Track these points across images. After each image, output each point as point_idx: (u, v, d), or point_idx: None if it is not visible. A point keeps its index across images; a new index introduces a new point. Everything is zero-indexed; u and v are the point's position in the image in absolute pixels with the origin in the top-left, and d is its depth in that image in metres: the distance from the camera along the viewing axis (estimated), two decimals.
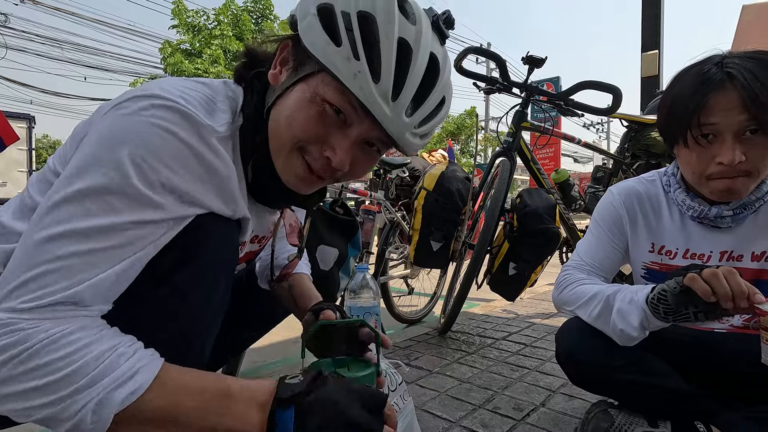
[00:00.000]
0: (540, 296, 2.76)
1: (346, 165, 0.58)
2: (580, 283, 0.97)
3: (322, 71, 0.54)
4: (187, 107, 0.52)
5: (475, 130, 19.93)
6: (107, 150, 0.48)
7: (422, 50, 0.55)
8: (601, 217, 1.05)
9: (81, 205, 0.46)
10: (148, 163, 0.48)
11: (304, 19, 0.54)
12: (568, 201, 2.08)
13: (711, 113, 0.78)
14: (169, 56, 11.81)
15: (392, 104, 0.54)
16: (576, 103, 1.88)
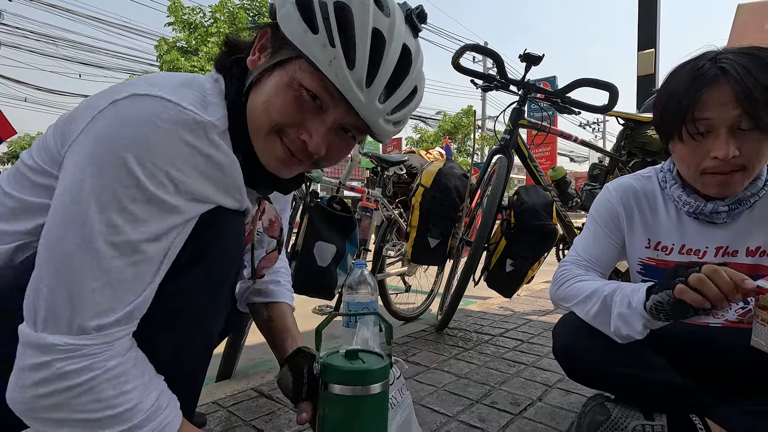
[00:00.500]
0: (537, 293, 2.77)
1: (322, 149, 0.60)
2: (578, 279, 0.97)
3: (300, 58, 0.56)
4: (187, 106, 0.53)
5: (472, 129, 19.96)
6: (115, 157, 0.48)
7: (395, 41, 0.57)
8: (597, 213, 1.06)
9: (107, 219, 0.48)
10: (159, 168, 0.49)
11: (283, 8, 0.56)
12: (564, 198, 2.09)
13: (705, 108, 0.79)
14: (164, 54, 11.74)
15: (366, 90, 0.56)
16: (573, 101, 1.88)
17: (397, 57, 0.57)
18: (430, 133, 21.24)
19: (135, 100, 0.51)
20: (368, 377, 0.59)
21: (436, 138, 20.24)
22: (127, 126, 0.49)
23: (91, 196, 0.48)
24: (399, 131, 0.66)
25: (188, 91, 0.56)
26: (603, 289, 0.88)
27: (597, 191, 2.15)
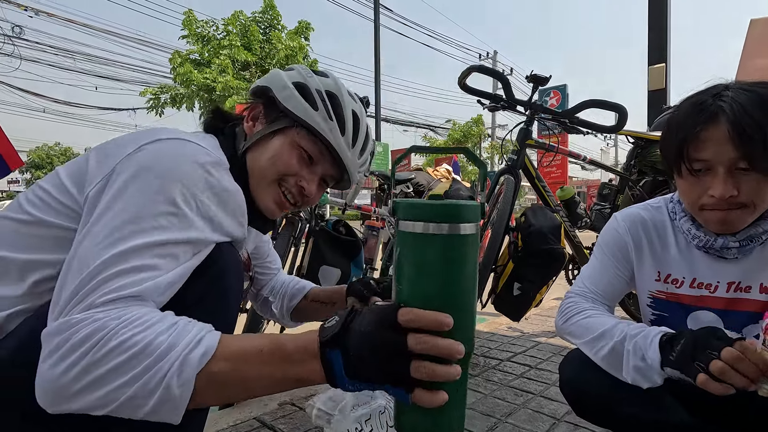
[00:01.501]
0: (546, 312, 2.72)
1: (314, 193, 0.79)
2: (585, 315, 0.95)
3: (299, 126, 0.74)
4: (209, 148, 0.65)
5: (480, 138, 19.93)
6: (155, 179, 0.57)
7: (363, 119, 0.82)
8: (605, 243, 1.04)
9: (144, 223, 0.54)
10: (191, 193, 0.59)
11: (284, 91, 0.75)
12: (573, 218, 2.06)
13: (702, 148, 0.78)
14: (178, 66, 11.98)
15: (351, 150, 0.79)
16: (581, 121, 1.86)
17: (365, 129, 0.82)
18: (439, 141, 21.26)
19: (168, 143, 0.61)
20: (452, 213, 0.47)
21: None
22: (165, 158, 0.59)
23: (127, 206, 0.54)
24: (360, 179, 0.91)
25: (203, 139, 0.69)
26: (612, 332, 0.85)
27: (607, 211, 2.12)
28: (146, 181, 0.56)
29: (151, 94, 12.47)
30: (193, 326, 0.51)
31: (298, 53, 12.73)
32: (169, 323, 0.49)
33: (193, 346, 0.48)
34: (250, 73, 12.43)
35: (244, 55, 12.13)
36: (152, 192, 0.56)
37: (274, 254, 1.08)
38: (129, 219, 0.53)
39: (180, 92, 12.21)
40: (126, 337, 0.46)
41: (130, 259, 0.51)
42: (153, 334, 0.47)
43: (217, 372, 0.47)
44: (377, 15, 13.20)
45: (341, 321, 0.48)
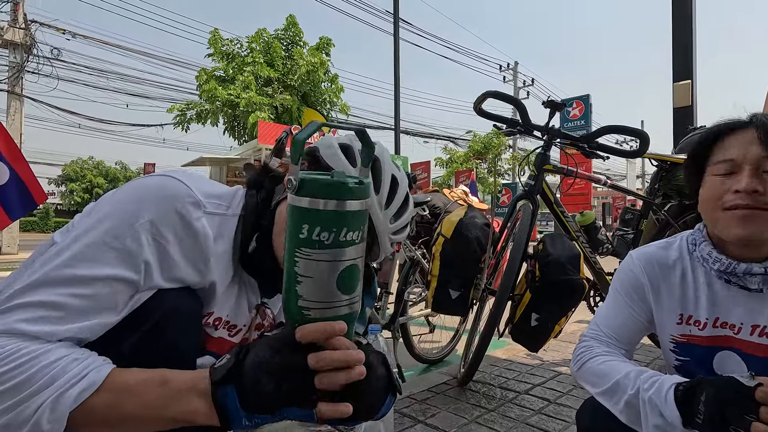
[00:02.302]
0: (567, 338, 2.64)
1: None
2: (597, 361, 0.91)
3: None
4: (188, 183, 0.64)
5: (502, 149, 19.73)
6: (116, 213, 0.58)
7: (403, 186, 0.79)
8: (620, 283, 1.00)
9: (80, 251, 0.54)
10: (145, 230, 0.58)
11: (329, 149, 0.75)
12: (594, 244, 2.00)
13: (729, 147, 0.79)
14: (204, 83, 12.37)
15: (384, 211, 0.75)
16: (600, 146, 1.82)
17: (404, 196, 0.78)
18: (459, 153, 21.15)
19: (155, 178, 0.64)
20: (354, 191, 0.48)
21: (466, 158, 20.10)
22: (135, 190, 0.61)
23: (78, 232, 0.56)
24: (392, 251, 0.85)
25: (199, 181, 0.68)
26: (624, 383, 0.81)
27: (629, 237, 2.05)
28: (104, 208, 0.58)
29: (178, 110, 12.89)
30: (82, 361, 0.50)
31: (319, 68, 12.96)
32: (56, 356, 0.49)
33: (74, 382, 0.48)
34: (273, 89, 12.71)
35: (267, 72, 12.43)
36: (103, 219, 0.57)
37: None
38: (68, 245, 0.55)
39: (205, 108, 12.58)
40: (6, 369, 0.47)
41: (42, 291, 0.51)
42: (34, 367, 0.47)
43: (96, 408, 0.47)
44: (396, 29, 13.33)
45: (233, 356, 0.49)
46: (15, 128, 9.74)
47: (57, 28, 11.10)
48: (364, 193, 0.49)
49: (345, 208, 0.47)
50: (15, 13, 9.74)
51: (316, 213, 0.46)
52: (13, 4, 9.76)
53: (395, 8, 13.36)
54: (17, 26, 9.71)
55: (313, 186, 0.46)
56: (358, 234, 0.49)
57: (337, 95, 13.85)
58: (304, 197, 0.47)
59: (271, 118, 12.23)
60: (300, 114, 12.91)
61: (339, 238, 0.47)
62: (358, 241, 0.50)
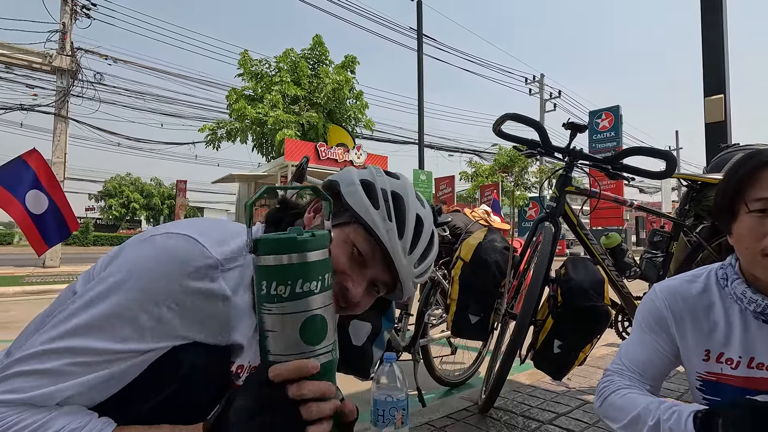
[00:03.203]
0: (595, 363, 2.54)
1: (359, 297, 0.70)
2: (618, 395, 0.89)
3: (356, 223, 0.70)
4: (203, 242, 0.63)
5: (528, 162, 19.41)
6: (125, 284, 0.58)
7: (428, 224, 0.75)
8: (643, 318, 0.97)
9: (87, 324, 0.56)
10: (152, 301, 0.58)
11: (349, 187, 0.72)
12: (621, 268, 1.93)
13: (763, 186, 0.76)
14: (234, 102, 12.83)
15: (408, 257, 0.71)
16: (625, 167, 1.77)
17: (429, 236, 0.75)
18: (485, 167, 20.96)
19: (170, 239, 0.63)
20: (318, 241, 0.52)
21: (492, 172, 19.88)
22: (148, 259, 0.61)
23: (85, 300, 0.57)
24: (413, 293, 0.78)
25: (216, 232, 0.66)
26: (645, 416, 0.80)
27: (658, 260, 1.97)
28: (119, 273, 0.59)
29: (209, 129, 13.39)
30: (81, 429, 0.51)
31: (344, 86, 13.22)
32: (55, 428, 0.50)
33: None
34: (299, 107, 13.04)
35: (294, 90, 12.78)
36: (116, 288, 0.57)
37: None
38: (77, 312, 0.56)
39: (235, 126, 13.02)
40: None
41: (46, 359, 0.53)
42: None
43: None
44: (420, 45, 13.50)
45: (223, 402, 0.52)
46: (60, 148, 10.35)
47: (100, 54, 11.81)
48: (318, 244, 0.52)
49: (299, 261, 0.50)
50: (63, 42, 10.45)
51: (269, 269, 0.49)
52: (61, 34, 10.47)
53: (419, 25, 13.55)
54: (65, 53, 10.40)
55: (265, 245, 0.50)
56: (316, 284, 0.50)
57: (362, 111, 14.06)
58: (259, 256, 0.50)
59: (298, 135, 12.52)
60: (326, 131, 13.17)
61: (296, 290, 0.49)
62: (318, 291, 0.51)
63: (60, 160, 10.33)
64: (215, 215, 36.48)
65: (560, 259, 1.90)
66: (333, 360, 0.53)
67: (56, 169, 9.75)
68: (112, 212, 36.89)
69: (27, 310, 4.82)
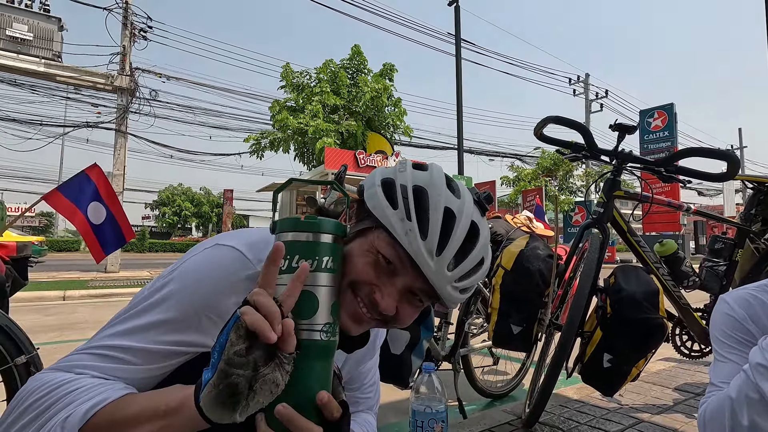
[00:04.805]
0: (650, 378, 2.37)
1: (392, 309, 0.65)
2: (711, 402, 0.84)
3: (379, 228, 0.65)
4: (246, 253, 0.65)
5: (573, 166, 18.67)
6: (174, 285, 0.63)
7: (464, 218, 0.65)
8: (721, 333, 0.90)
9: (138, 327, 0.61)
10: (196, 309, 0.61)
11: (370, 188, 0.68)
12: (678, 277, 1.80)
13: None
14: (276, 113, 13.27)
15: (436, 259, 0.63)
16: (680, 168, 1.66)
17: (466, 231, 0.65)
18: (527, 171, 20.38)
19: (217, 251, 0.66)
20: (318, 225, 0.58)
21: (534, 176, 19.30)
22: (196, 272, 0.64)
23: (138, 303, 0.62)
24: (463, 300, 0.71)
25: (261, 242, 0.67)
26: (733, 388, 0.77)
27: (720, 269, 1.82)
28: (171, 284, 0.63)
29: (254, 139, 13.92)
30: (103, 385, 0.54)
31: (382, 94, 13.34)
32: (80, 385, 0.54)
33: (87, 399, 0.52)
34: (339, 116, 13.29)
35: (333, 100, 13.04)
36: (166, 299, 0.62)
37: (371, 388, 0.94)
38: (131, 316, 0.61)
39: (278, 137, 13.45)
40: (39, 396, 0.53)
41: (94, 348, 0.59)
42: (59, 394, 0.53)
43: (101, 421, 0.51)
44: (458, 49, 13.40)
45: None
46: (120, 161, 11.13)
47: (155, 72, 12.63)
48: (316, 227, 0.58)
49: (294, 239, 0.56)
50: (123, 63, 11.28)
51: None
52: (121, 56, 11.31)
53: (456, 29, 13.46)
54: (124, 74, 11.22)
55: (277, 224, 0.60)
56: (312, 263, 0.56)
57: (400, 118, 14.11)
58: (274, 234, 0.60)
59: (337, 143, 12.75)
60: (365, 138, 13.32)
61: (291, 264, 0.55)
62: (312, 269, 0.55)
63: (120, 172, 11.10)
64: (260, 223, 37.80)
65: (609, 267, 1.80)
66: (321, 341, 0.55)
67: (116, 181, 10.51)
68: (165, 220, 39.17)
69: (91, 312, 5.19)
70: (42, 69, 10.34)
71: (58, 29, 11.03)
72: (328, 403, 0.52)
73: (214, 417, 0.47)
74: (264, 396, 0.47)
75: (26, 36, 10.36)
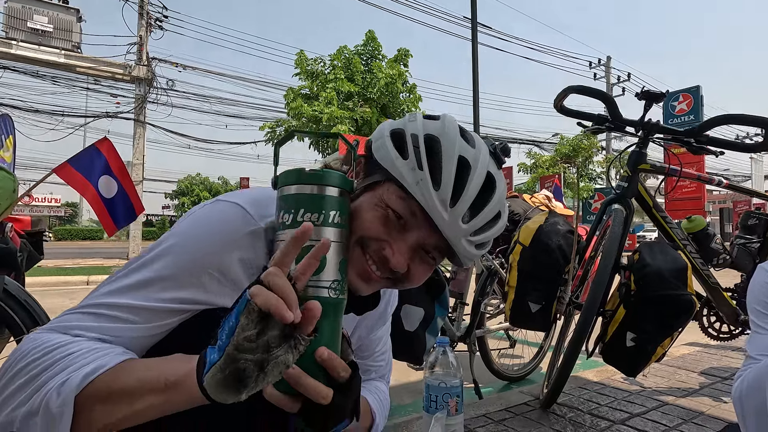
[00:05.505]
0: (675, 362, 2.30)
1: (403, 265, 0.61)
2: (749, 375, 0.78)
3: (389, 181, 0.62)
4: (248, 209, 0.61)
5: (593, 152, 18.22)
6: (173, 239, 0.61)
7: (480, 168, 0.62)
8: (758, 302, 0.85)
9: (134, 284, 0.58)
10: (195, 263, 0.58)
11: (378, 140, 0.65)
12: (707, 255, 1.71)
13: None
14: (291, 101, 13.26)
15: (450, 210, 0.59)
16: (712, 139, 1.56)
17: (482, 182, 0.62)
18: (545, 157, 19.96)
19: (218, 206, 0.63)
20: (323, 177, 0.56)
21: (552, 163, 18.89)
22: (197, 227, 0.62)
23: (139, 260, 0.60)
24: (480, 255, 0.66)
25: (266, 202, 0.63)
26: None
27: (753, 246, 1.73)
28: (170, 239, 0.60)
29: (269, 128, 13.96)
30: (100, 351, 0.51)
31: (397, 80, 13.18)
32: (77, 348, 0.50)
33: (83, 365, 0.48)
34: (353, 103, 13.20)
35: (348, 87, 12.95)
36: (165, 254, 0.59)
37: (383, 357, 0.92)
38: (129, 272, 0.58)
39: (292, 124, 13.46)
40: (33, 358, 0.50)
41: (88, 307, 0.56)
42: (54, 357, 0.49)
43: (99, 390, 0.48)
44: (475, 34, 13.08)
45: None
46: (139, 150, 11.32)
47: (172, 62, 12.72)
48: (316, 180, 0.55)
49: (298, 192, 0.54)
50: (140, 53, 11.39)
51: (281, 198, 0.56)
52: (138, 45, 11.43)
53: (473, 13, 13.14)
54: (142, 63, 11.34)
55: (280, 177, 0.57)
56: (317, 216, 0.53)
57: (416, 104, 13.93)
58: (277, 188, 0.57)
59: (352, 130, 12.69)
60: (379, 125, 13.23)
61: (297, 218, 0.53)
62: (318, 223, 0.53)
63: (139, 161, 11.30)
64: None
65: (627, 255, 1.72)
66: (330, 299, 0.52)
67: (136, 170, 10.70)
68: (185, 209, 39.96)
69: None
70: (62, 60, 10.53)
71: (77, 20, 11.19)
72: (329, 359, 0.49)
73: (218, 398, 0.43)
74: (273, 376, 0.43)
75: (46, 27, 10.55)
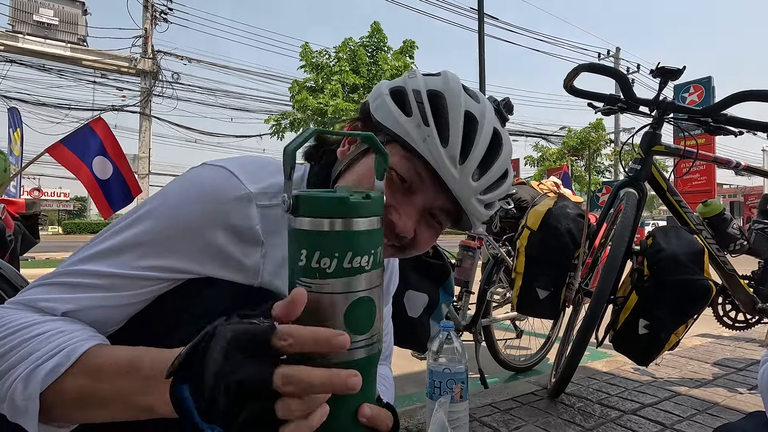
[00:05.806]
0: (687, 353, 2.23)
1: (410, 230, 0.58)
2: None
3: (390, 142, 0.58)
4: (238, 175, 0.57)
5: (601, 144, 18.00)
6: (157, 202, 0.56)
7: (487, 123, 0.59)
8: None
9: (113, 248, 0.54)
10: (178, 227, 0.54)
11: (376, 100, 0.61)
12: (723, 240, 1.65)
13: None
14: (296, 94, 13.21)
15: (459, 167, 0.56)
16: (730, 119, 1.49)
17: (490, 137, 0.59)
18: (552, 150, 19.75)
19: (204, 170, 0.58)
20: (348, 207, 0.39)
21: (560, 156, 18.69)
22: (182, 188, 0.57)
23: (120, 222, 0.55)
24: (490, 215, 0.63)
25: (257, 169, 0.59)
26: None
27: None
28: (153, 201, 0.56)
29: (274, 120, 13.93)
30: (66, 334, 0.46)
31: (403, 72, 13.07)
32: (43, 330, 0.46)
33: (46, 359, 0.44)
34: (359, 95, 13.12)
35: (353, 79, 12.87)
36: (147, 216, 0.55)
37: (386, 337, 0.87)
38: (108, 236, 0.54)
39: (297, 117, 13.42)
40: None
41: (57, 277, 0.52)
42: (18, 339, 0.45)
43: (66, 389, 0.43)
44: (481, 25, 12.90)
45: (194, 342, 0.35)
46: (145, 144, 11.36)
47: (177, 55, 12.71)
48: (373, 210, 0.39)
49: (349, 228, 0.38)
50: (145, 46, 11.39)
51: (313, 235, 0.38)
52: (143, 38, 11.42)
53: (479, 3, 12.96)
54: (147, 56, 11.34)
55: (309, 204, 0.38)
56: (368, 259, 0.39)
57: None
58: (299, 217, 0.38)
59: None
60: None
61: (344, 265, 0.38)
62: (369, 268, 0.39)
63: (145, 155, 11.34)
64: None
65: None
66: (370, 357, 0.40)
67: (142, 164, 10.74)
68: None
69: None
70: (68, 53, 10.56)
71: (82, 13, 11.20)
72: (373, 417, 0.39)
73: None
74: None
75: (52, 21, 10.57)
